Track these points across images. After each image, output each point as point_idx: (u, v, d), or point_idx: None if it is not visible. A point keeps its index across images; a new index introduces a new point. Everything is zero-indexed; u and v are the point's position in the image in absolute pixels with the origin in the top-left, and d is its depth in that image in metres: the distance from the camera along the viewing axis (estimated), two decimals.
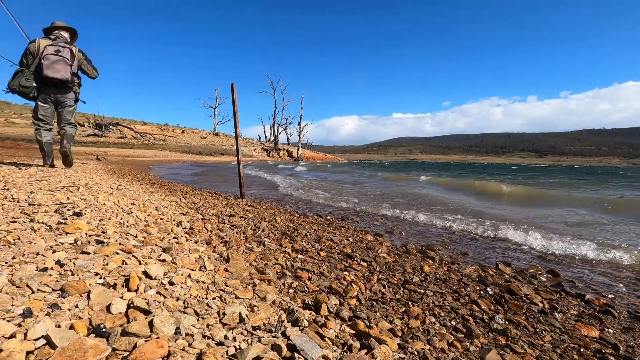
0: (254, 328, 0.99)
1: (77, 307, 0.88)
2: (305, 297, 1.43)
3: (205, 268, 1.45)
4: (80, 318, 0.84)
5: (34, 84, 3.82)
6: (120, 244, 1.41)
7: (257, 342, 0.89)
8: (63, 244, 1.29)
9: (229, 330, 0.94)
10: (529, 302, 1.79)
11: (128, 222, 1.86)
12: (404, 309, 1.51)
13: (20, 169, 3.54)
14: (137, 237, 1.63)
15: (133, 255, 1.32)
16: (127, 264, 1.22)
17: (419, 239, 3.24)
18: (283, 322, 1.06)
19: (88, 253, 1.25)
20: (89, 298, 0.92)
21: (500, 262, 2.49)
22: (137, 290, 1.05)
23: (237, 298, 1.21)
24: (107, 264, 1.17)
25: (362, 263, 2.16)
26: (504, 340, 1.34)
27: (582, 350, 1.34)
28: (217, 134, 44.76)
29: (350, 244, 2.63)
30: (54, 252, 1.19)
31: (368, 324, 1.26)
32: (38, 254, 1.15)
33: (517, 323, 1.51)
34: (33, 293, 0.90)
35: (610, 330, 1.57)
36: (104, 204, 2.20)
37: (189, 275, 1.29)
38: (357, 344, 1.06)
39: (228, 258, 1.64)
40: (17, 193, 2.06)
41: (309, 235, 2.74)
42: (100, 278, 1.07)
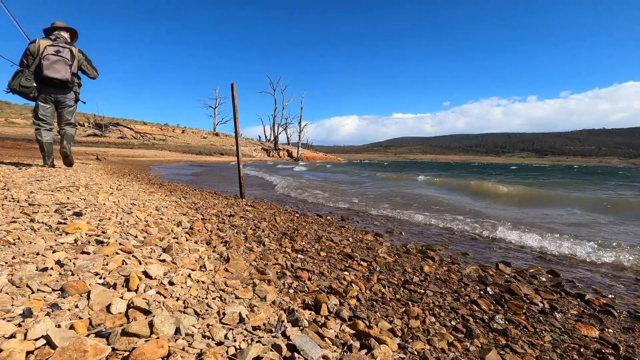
0: (254, 328, 0.99)
1: (77, 307, 0.88)
2: (305, 297, 1.43)
3: (205, 268, 1.45)
4: (80, 318, 0.84)
5: (34, 84, 3.83)
6: (120, 244, 1.41)
7: (257, 342, 0.89)
8: (63, 244, 1.29)
9: (229, 330, 0.94)
10: (529, 302, 1.79)
11: (128, 222, 1.86)
12: (404, 309, 1.51)
13: (20, 169, 3.54)
14: (137, 237, 1.63)
15: (133, 255, 1.32)
16: (127, 264, 1.22)
17: (419, 239, 3.24)
18: (283, 322, 1.06)
19: (88, 253, 1.25)
20: (89, 298, 0.92)
21: (500, 262, 2.49)
22: (137, 290, 1.05)
23: (237, 298, 1.21)
24: (107, 264, 1.17)
25: (362, 263, 2.16)
26: (504, 340, 1.34)
27: (582, 350, 1.34)
28: (217, 134, 44.76)
29: (350, 244, 2.63)
30: (54, 252, 1.19)
31: (368, 324, 1.26)
32: (38, 254, 1.15)
33: (517, 323, 1.51)
34: (33, 293, 0.90)
35: (610, 330, 1.57)
36: (104, 204, 2.20)
37: (189, 275, 1.29)
38: (357, 344, 1.06)
39: (228, 258, 1.64)
40: (17, 193, 2.06)
41: (309, 235, 2.74)
42: (100, 278, 1.07)
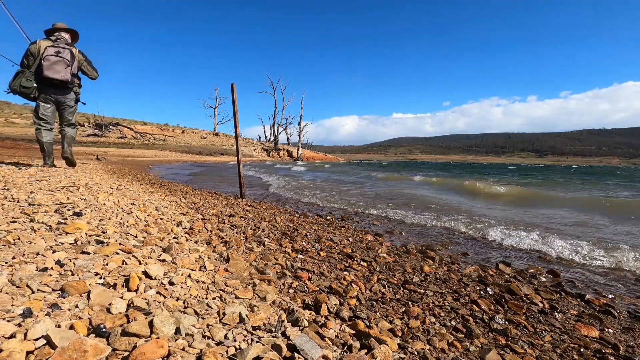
0: (254, 328, 0.99)
1: (77, 307, 0.88)
2: (305, 297, 1.43)
3: (205, 268, 1.45)
4: (80, 318, 0.84)
5: (35, 85, 3.85)
6: (120, 244, 1.41)
7: (257, 342, 0.89)
8: (63, 244, 1.29)
9: (229, 330, 0.94)
10: (529, 302, 1.79)
11: (128, 222, 1.86)
12: (404, 309, 1.51)
13: (20, 169, 3.54)
14: (137, 237, 1.63)
15: (133, 255, 1.32)
16: (127, 264, 1.22)
17: (419, 239, 3.24)
18: (283, 322, 1.06)
19: (88, 253, 1.25)
20: (89, 298, 0.92)
21: (500, 262, 2.49)
22: (137, 290, 1.05)
23: (237, 298, 1.21)
24: (107, 264, 1.17)
25: (362, 263, 2.16)
26: (504, 340, 1.34)
27: (582, 350, 1.34)
28: (217, 134, 44.76)
29: (350, 244, 2.63)
30: (54, 252, 1.19)
31: (368, 324, 1.26)
32: (38, 254, 1.15)
33: (517, 323, 1.51)
34: (33, 293, 0.90)
35: (610, 330, 1.57)
36: (104, 204, 2.20)
37: (189, 275, 1.29)
38: (357, 344, 1.06)
39: (228, 258, 1.64)
40: (17, 193, 2.06)
41: (309, 235, 2.74)
42: (100, 278, 1.07)
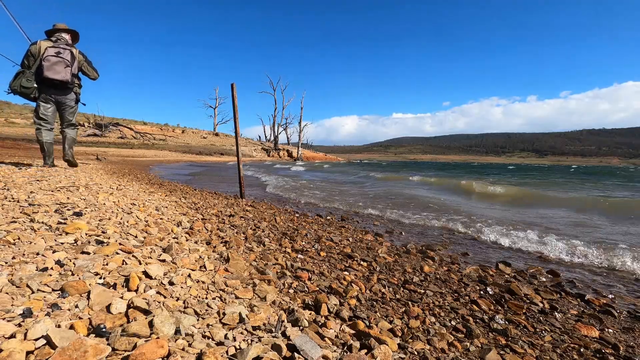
0: (254, 328, 0.99)
1: (77, 307, 0.88)
2: (305, 297, 1.43)
3: (205, 268, 1.45)
4: (80, 318, 0.84)
5: (35, 85, 3.86)
6: (120, 244, 1.41)
7: (257, 342, 0.89)
8: (63, 244, 1.29)
9: (229, 330, 0.94)
10: (529, 302, 1.79)
11: (128, 222, 1.86)
12: (404, 309, 1.51)
13: (20, 169, 3.54)
14: (137, 237, 1.63)
15: (133, 255, 1.32)
16: (127, 264, 1.22)
17: (419, 239, 3.24)
18: (283, 322, 1.06)
19: (88, 253, 1.25)
20: (89, 298, 0.92)
21: (500, 262, 2.49)
22: (137, 290, 1.05)
23: (237, 298, 1.21)
24: (107, 264, 1.17)
25: (362, 263, 2.16)
26: (504, 340, 1.34)
27: (582, 350, 1.34)
28: (217, 134, 44.76)
29: (350, 244, 2.63)
30: (54, 252, 1.19)
31: (368, 324, 1.26)
32: (38, 254, 1.15)
33: (517, 323, 1.51)
34: (33, 293, 0.90)
35: (610, 330, 1.57)
36: (104, 204, 2.20)
37: (189, 275, 1.29)
38: (357, 344, 1.06)
39: (228, 258, 1.64)
40: (17, 193, 2.06)
41: (309, 235, 2.74)
42: (100, 278, 1.07)
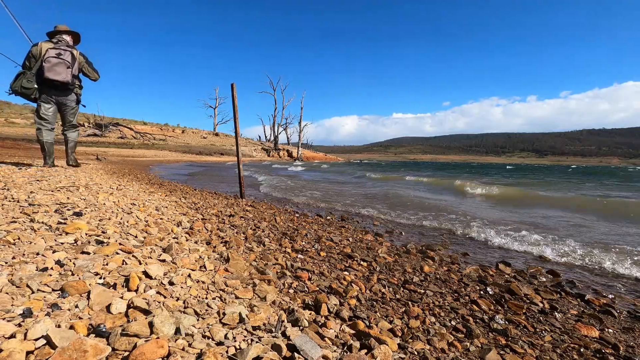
0: (254, 328, 0.99)
1: (77, 307, 0.88)
2: (305, 297, 1.43)
3: (205, 268, 1.45)
4: (80, 318, 0.84)
5: (35, 86, 3.89)
6: (120, 244, 1.41)
7: (257, 342, 0.89)
8: (63, 244, 1.29)
9: (229, 330, 0.94)
10: (529, 302, 1.79)
11: (128, 222, 1.86)
12: (404, 309, 1.51)
13: (20, 169, 3.54)
14: (137, 237, 1.63)
15: (133, 255, 1.32)
16: (127, 264, 1.22)
17: (419, 239, 3.24)
18: (283, 322, 1.06)
19: (88, 253, 1.25)
20: (89, 298, 0.92)
21: (500, 262, 2.49)
22: (137, 290, 1.05)
23: (237, 298, 1.21)
24: (107, 264, 1.17)
25: (362, 263, 2.16)
26: (504, 340, 1.34)
27: (582, 350, 1.34)
28: (217, 134, 44.75)
29: (350, 244, 2.63)
30: (54, 252, 1.19)
31: (368, 324, 1.26)
32: (38, 254, 1.15)
33: (517, 323, 1.51)
34: (33, 293, 0.90)
35: (610, 330, 1.57)
36: (104, 204, 2.20)
37: (189, 275, 1.29)
38: (357, 344, 1.06)
39: (228, 258, 1.64)
40: (17, 193, 2.06)
41: (309, 235, 2.74)
42: (100, 278, 1.07)
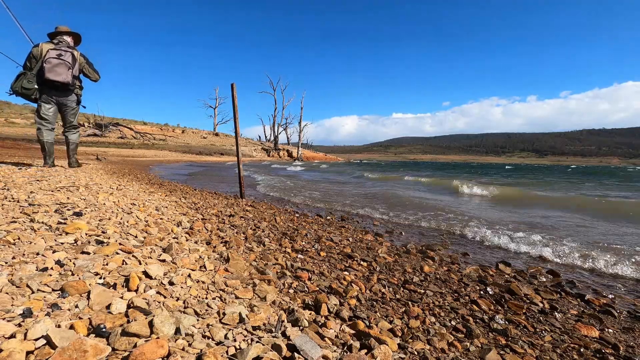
0: (254, 328, 0.99)
1: (77, 307, 0.88)
2: (305, 297, 1.43)
3: (205, 268, 1.45)
4: (80, 318, 0.84)
5: (36, 86, 3.90)
6: (120, 244, 1.41)
7: (257, 342, 0.89)
8: (63, 244, 1.29)
9: (229, 330, 0.94)
10: (529, 302, 1.79)
11: (128, 222, 1.86)
12: (404, 309, 1.51)
13: (20, 169, 3.54)
14: (137, 237, 1.63)
15: (133, 255, 1.32)
16: (127, 264, 1.22)
17: (419, 239, 3.24)
18: (283, 322, 1.06)
19: (88, 253, 1.25)
20: (89, 298, 0.92)
21: (500, 262, 2.49)
22: (137, 290, 1.05)
23: (237, 298, 1.21)
24: (107, 264, 1.17)
25: (362, 263, 2.16)
26: (504, 340, 1.34)
27: (582, 350, 1.34)
28: (217, 134, 44.75)
29: (350, 244, 2.63)
30: (54, 252, 1.19)
31: (368, 324, 1.26)
32: (38, 254, 1.15)
33: (517, 323, 1.51)
34: (33, 293, 0.90)
35: (610, 330, 1.57)
36: (104, 204, 2.20)
37: (189, 275, 1.29)
38: (357, 344, 1.06)
39: (228, 258, 1.64)
40: (17, 193, 2.06)
41: (309, 235, 2.74)
42: (100, 278, 1.07)
